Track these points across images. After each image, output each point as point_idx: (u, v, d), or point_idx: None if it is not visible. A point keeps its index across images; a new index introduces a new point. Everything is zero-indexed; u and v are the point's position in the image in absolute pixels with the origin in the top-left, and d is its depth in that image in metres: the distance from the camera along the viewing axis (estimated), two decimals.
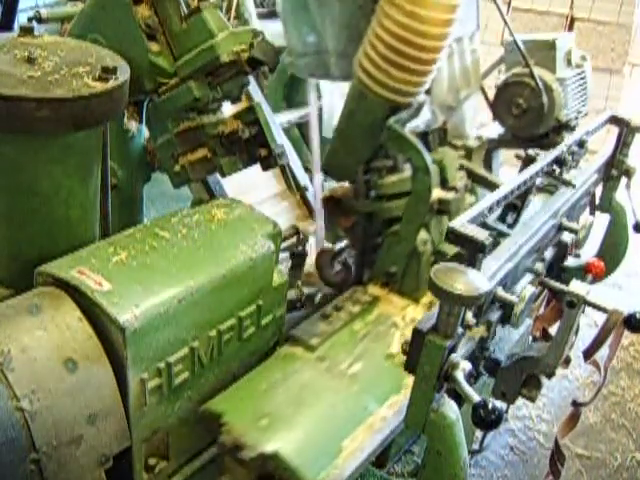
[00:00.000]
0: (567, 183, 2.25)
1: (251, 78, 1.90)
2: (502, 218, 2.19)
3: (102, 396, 1.31)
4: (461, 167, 2.25)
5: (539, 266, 2.05)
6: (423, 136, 2.14)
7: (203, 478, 1.68)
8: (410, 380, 1.71)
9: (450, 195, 2.07)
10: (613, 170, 2.62)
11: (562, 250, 2.24)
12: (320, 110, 2.73)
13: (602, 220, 2.73)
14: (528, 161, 2.28)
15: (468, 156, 2.35)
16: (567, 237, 2.20)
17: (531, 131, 2.61)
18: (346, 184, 2.10)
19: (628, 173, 2.64)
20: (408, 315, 1.95)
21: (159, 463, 1.54)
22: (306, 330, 1.82)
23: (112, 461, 1.35)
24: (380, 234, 2.08)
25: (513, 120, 2.61)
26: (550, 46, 2.66)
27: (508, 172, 2.77)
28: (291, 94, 3.36)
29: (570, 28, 6.50)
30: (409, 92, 1.84)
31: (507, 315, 1.67)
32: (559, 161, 2.25)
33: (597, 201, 2.71)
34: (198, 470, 1.65)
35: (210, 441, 1.68)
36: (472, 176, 2.28)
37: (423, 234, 1.99)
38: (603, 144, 2.83)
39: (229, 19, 3.21)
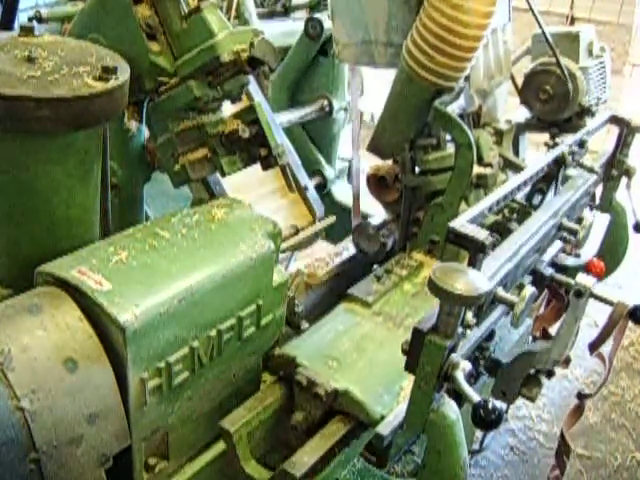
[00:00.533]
0: (590, 169, 2.38)
1: (251, 78, 1.89)
2: (529, 199, 2.33)
3: (102, 396, 1.31)
4: (492, 149, 2.48)
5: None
6: (460, 118, 2.29)
7: (203, 478, 1.68)
8: None
9: (487, 170, 2.31)
10: (613, 170, 2.62)
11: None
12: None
13: (602, 220, 2.73)
14: (555, 148, 2.37)
15: (499, 138, 2.62)
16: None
17: (556, 116, 2.85)
18: (388, 162, 2.35)
19: (628, 173, 2.65)
20: None
21: (159, 463, 1.54)
22: (361, 289, 2.06)
23: (112, 461, 1.35)
24: (421, 208, 2.32)
25: (540, 105, 2.85)
26: (574, 38, 2.92)
27: (533, 154, 3.06)
28: (295, 94, 3.35)
29: None
30: (452, 77, 2.06)
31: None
32: (580, 145, 2.34)
33: (597, 201, 2.71)
34: (198, 470, 1.65)
35: (210, 441, 1.69)
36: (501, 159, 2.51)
37: (463, 205, 2.20)
38: (603, 144, 2.85)
39: (229, 19, 3.20)
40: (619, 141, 2.58)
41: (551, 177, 2.18)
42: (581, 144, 2.38)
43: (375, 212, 2.62)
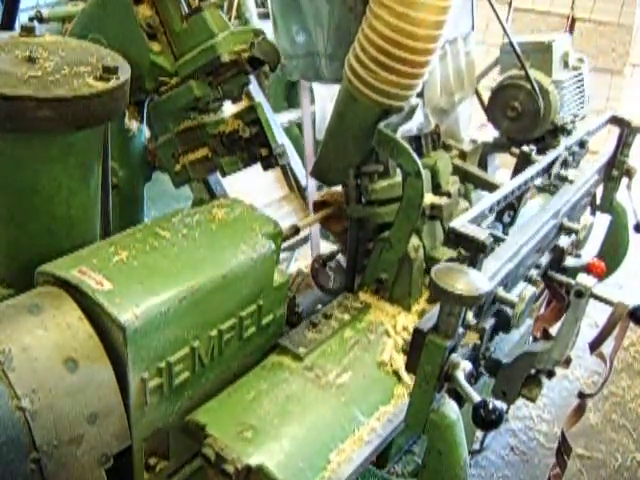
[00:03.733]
0: (564, 179, 2.22)
1: (252, 78, 1.89)
2: (499, 218, 2.18)
3: (103, 395, 1.31)
4: (455, 169, 2.21)
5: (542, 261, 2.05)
6: (416, 140, 2.11)
7: (203, 478, 1.68)
8: (400, 390, 1.70)
9: (443, 200, 2.04)
10: (614, 170, 2.62)
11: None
12: (313, 113, 2.73)
13: (603, 220, 2.73)
14: (523, 157, 2.26)
15: (462, 160, 2.31)
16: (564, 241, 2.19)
17: (526, 134, 2.59)
18: (338, 188, 2.06)
19: (629, 173, 2.64)
20: (399, 323, 1.91)
21: (159, 462, 1.54)
22: (294, 339, 1.77)
23: (112, 460, 1.35)
24: (371, 240, 2.03)
25: (508, 123, 2.60)
26: (546, 48, 2.64)
27: (505, 175, 2.73)
28: (292, 94, 3.36)
29: (571, 28, 6.50)
30: (399, 95, 1.80)
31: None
32: (560, 162, 2.25)
33: (598, 201, 2.72)
34: (198, 470, 1.65)
35: None
36: (468, 177, 2.25)
37: (415, 240, 1.95)
38: (604, 144, 2.83)
39: (230, 19, 3.21)
40: (620, 141, 2.58)
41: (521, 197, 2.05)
42: (581, 144, 2.38)
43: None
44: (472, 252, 1.54)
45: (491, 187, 2.22)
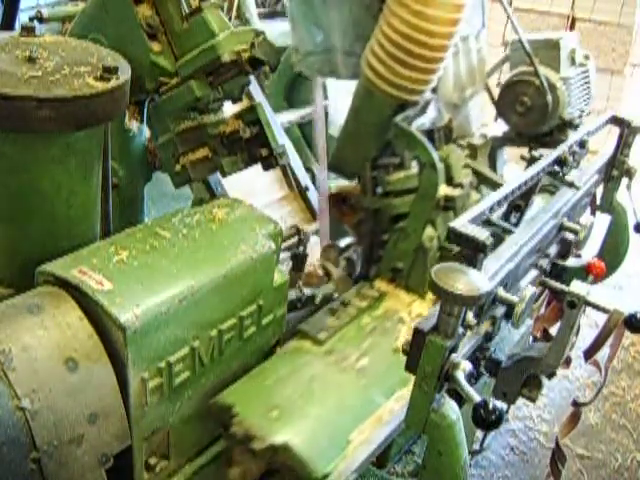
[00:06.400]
0: (570, 184, 2.25)
1: (252, 78, 1.89)
2: (506, 217, 2.20)
3: (103, 395, 1.31)
4: (466, 165, 2.28)
5: (542, 262, 2.05)
6: (429, 134, 2.17)
7: (203, 478, 1.68)
8: None
9: (456, 192, 2.10)
10: (614, 170, 2.62)
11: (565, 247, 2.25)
12: (326, 108, 2.78)
13: (603, 220, 2.73)
14: (532, 162, 2.28)
15: (473, 154, 2.38)
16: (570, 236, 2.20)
17: (535, 129, 2.65)
18: (352, 182, 2.14)
19: (629, 174, 2.64)
20: (414, 310, 1.97)
21: (159, 462, 1.54)
22: (314, 324, 1.85)
23: (112, 460, 1.35)
24: (386, 231, 2.10)
25: (517, 118, 2.65)
26: (554, 45, 2.70)
27: (513, 169, 2.81)
28: (292, 94, 3.36)
29: (571, 28, 6.49)
30: (416, 90, 1.88)
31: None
32: (560, 161, 2.25)
33: (598, 201, 2.71)
34: (198, 470, 1.65)
35: (210, 440, 1.69)
36: (476, 175, 2.30)
37: (429, 230, 2.01)
38: (604, 144, 2.83)
39: (230, 19, 3.21)
40: (620, 141, 2.58)
41: (531, 192, 2.08)
42: (582, 144, 2.38)
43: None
44: (472, 252, 1.54)
45: (495, 185, 2.26)
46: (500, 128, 2.77)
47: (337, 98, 2.76)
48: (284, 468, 1.47)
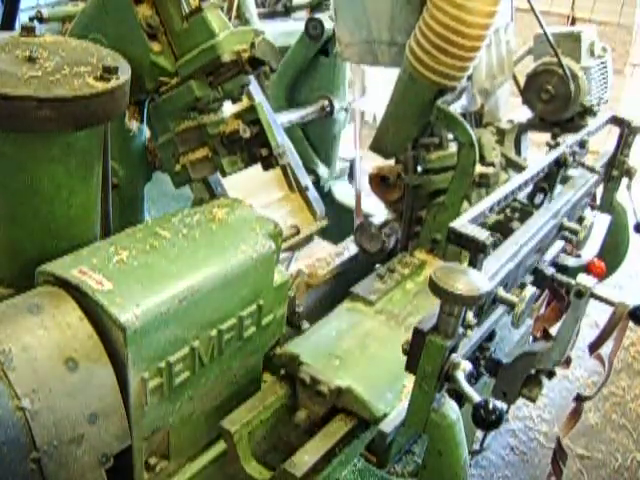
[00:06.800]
0: (591, 169, 2.40)
1: (252, 78, 1.89)
2: (531, 199, 2.32)
3: (103, 395, 1.31)
4: (494, 148, 2.50)
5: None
6: (462, 117, 2.31)
7: (203, 478, 1.68)
8: None
9: (490, 170, 2.33)
10: (614, 170, 2.62)
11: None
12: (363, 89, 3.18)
13: (603, 220, 2.73)
14: (556, 147, 2.37)
15: (501, 138, 2.64)
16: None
17: (558, 115, 2.86)
18: (390, 162, 2.39)
19: (629, 173, 2.64)
20: None
21: (160, 462, 1.54)
22: (364, 288, 2.09)
23: (112, 460, 1.35)
24: (424, 207, 2.35)
25: (542, 105, 2.86)
26: (575, 38, 2.93)
27: (535, 154, 3.03)
28: (293, 94, 3.36)
29: None
30: (455, 76, 2.08)
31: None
32: (581, 144, 2.35)
33: (598, 201, 2.72)
34: (198, 470, 1.65)
35: (210, 440, 1.69)
36: (503, 157, 2.55)
37: (465, 205, 2.22)
38: (604, 144, 2.84)
39: (230, 19, 3.20)
40: (620, 141, 2.58)
41: (553, 177, 2.18)
42: (582, 144, 2.38)
43: (377, 212, 2.62)
44: (472, 252, 1.54)
45: (518, 167, 2.56)
46: (524, 114, 2.96)
47: (379, 86, 3.03)
48: (347, 409, 1.63)
